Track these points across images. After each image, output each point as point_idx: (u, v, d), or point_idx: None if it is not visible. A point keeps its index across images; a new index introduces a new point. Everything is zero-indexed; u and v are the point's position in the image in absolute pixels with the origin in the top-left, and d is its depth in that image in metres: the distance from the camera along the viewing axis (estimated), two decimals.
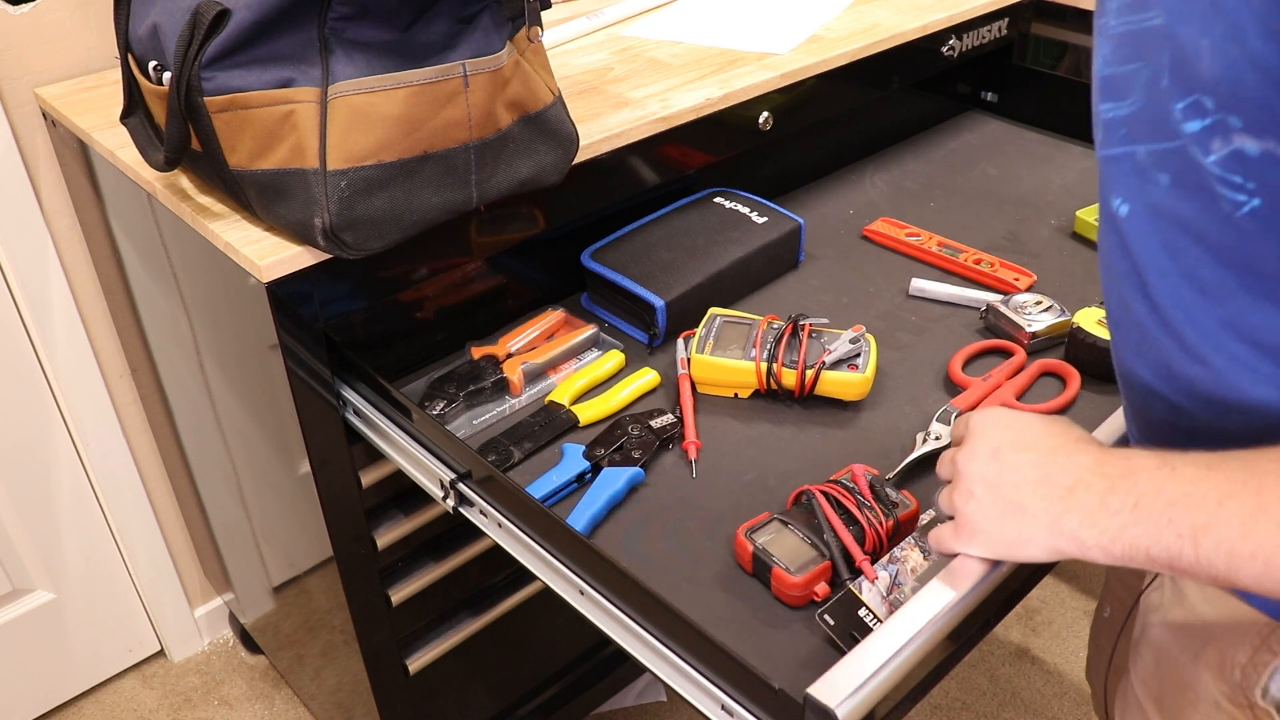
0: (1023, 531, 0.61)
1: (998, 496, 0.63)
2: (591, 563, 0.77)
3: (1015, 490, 0.62)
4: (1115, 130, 0.61)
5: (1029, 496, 0.61)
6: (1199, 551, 0.53)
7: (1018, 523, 0.62)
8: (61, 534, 1.54)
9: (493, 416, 1.03)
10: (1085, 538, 0.58)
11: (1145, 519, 0.55)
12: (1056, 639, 1.77)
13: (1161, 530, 0.55)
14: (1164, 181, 0.57)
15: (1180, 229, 0.57)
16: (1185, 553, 0.54)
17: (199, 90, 0.85)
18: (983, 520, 0.64)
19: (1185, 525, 0.54)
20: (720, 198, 1.26)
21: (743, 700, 0.67)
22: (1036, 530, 0.61)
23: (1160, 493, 0.55)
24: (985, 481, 0.64)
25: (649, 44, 1.34)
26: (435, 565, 1.20)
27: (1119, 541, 0.56)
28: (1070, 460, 0.61)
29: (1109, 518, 0.57)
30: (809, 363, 0.99)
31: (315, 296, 0.95)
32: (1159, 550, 0.55)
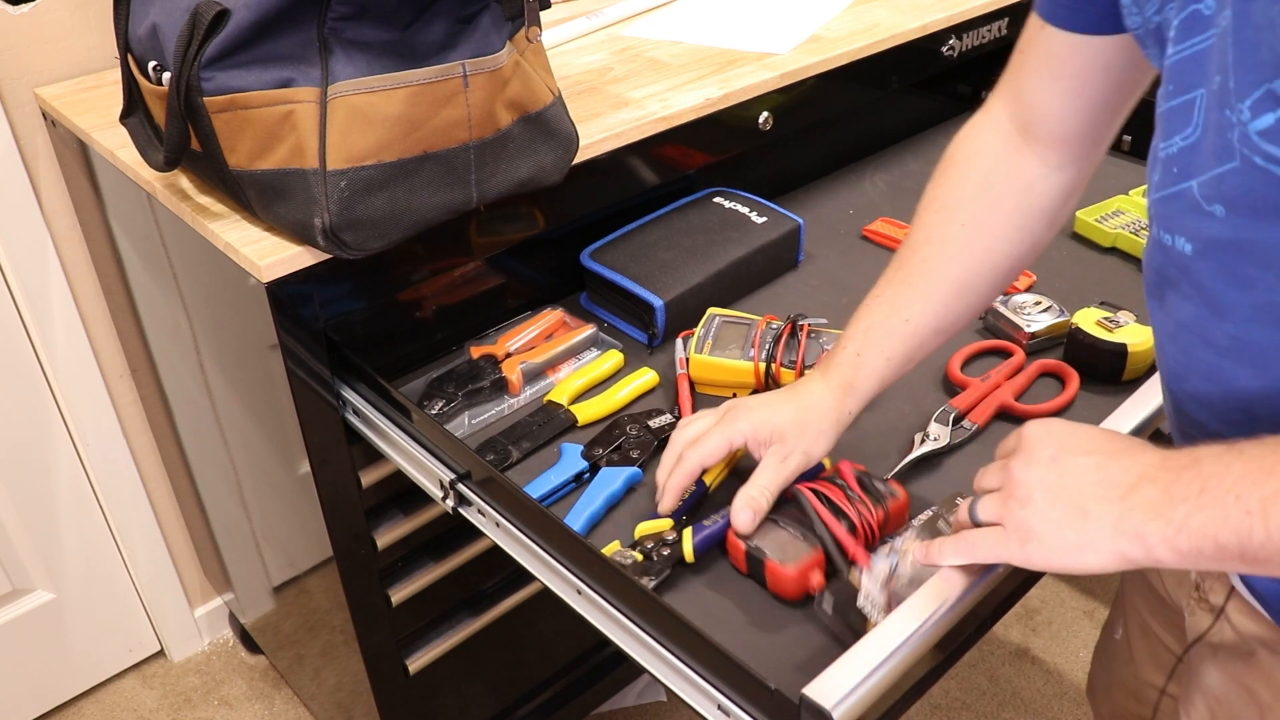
0: (1083, 535, 0.58)
1: (1057, 500, 0.60)
2: (588, 562, 0.77)
3: (1077, 494, 0.59)
4: (1170, 168, 0.59)
5: (1091, 499, 0.58)
6: (1270, 524, 0.50)
7: (1078, 527, 0.58)
8: (61, 534, 1.55)
9: (491, 416, 1.03)
10: (1149, 533, 0.55)
11: (1211, 502, 0.52)
12: (1056, 639, 1.77)
13: (1229, 510, 0.52)
14: (1219, 213, 0.55)
15: (1245, 258, 0.55)
16: (1255, 531, 0.51)
17: (198, 90, 0.85)
18: (1040, 526, 0.60)
19: (1254, 499, 0.51)
20: (720, 197, 1.26)
21: (739, 700, 0.67)
22: (1099, 533, 0.57)
23: (1227, 472, 0.53)
24: (1044, 486, 0.61)
25: (649, 44, 1.34)
26: (435, 565, 1.20)
27: (1185, 531, 0.53)
28: (1133, 460, 0.58)
29: (1173, 507, 0.54)
30: (807, 363, 0.99)
31: (315, 296, 0.95)
32: (1227, 534, 0.52)
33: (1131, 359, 0.99)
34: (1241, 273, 0.56)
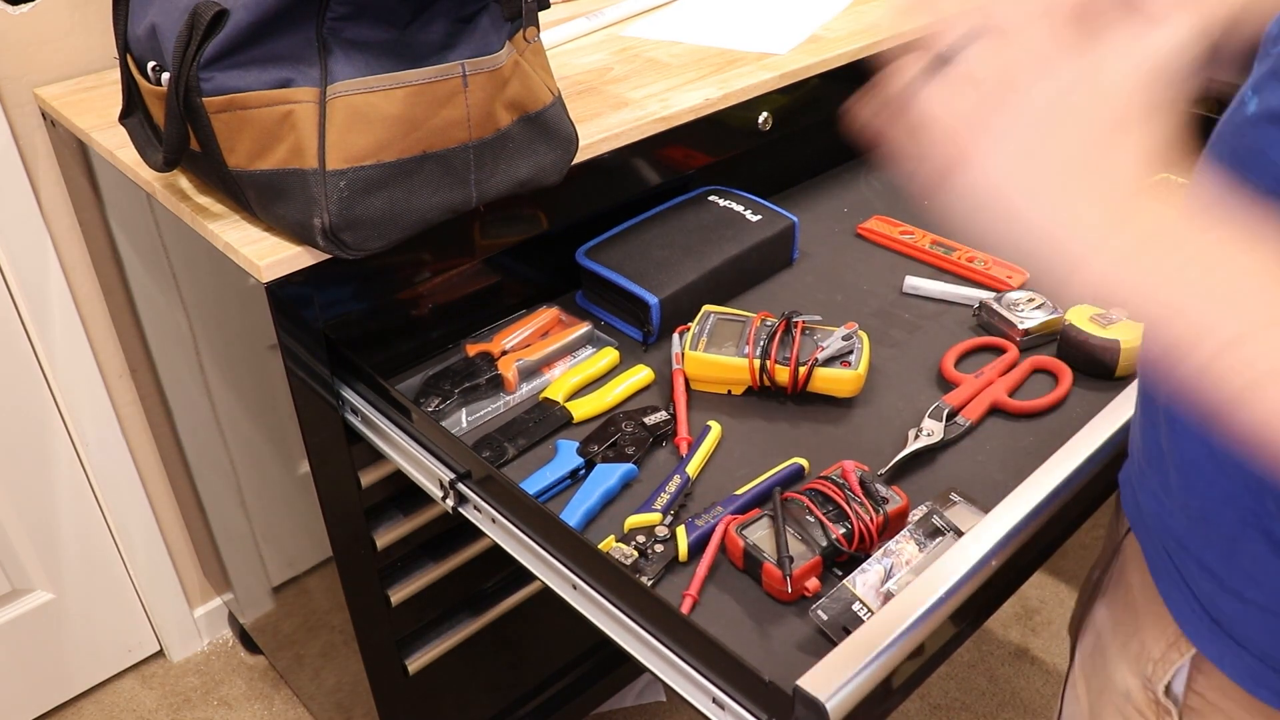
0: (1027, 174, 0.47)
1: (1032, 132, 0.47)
2: (584, 558, 0.78)
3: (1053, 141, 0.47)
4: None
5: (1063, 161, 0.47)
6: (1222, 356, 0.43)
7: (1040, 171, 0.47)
8: (61, 534, 1.55)
9: (487, 413, 1.03)
10: (1089, 259, 0.46)
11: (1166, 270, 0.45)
12: (1056, 639, 1.77)
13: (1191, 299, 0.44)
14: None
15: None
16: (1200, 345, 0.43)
17: (197, 91, 0.86)
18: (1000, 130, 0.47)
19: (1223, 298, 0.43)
20: (715, 196, 1.26)
21: (733, 693, 0.67)
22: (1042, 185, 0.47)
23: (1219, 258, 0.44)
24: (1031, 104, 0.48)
25: (648, 44, 1.35)
26: (434, 565, 1.20)
27: (1132, 291, 0.45)
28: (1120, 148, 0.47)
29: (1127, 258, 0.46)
30: (802, 360, 1.00)
31: (314, 297, 0.95)
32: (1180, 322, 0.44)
33: (1124, 355, 0.99)
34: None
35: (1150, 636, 0.70)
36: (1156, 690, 0.70)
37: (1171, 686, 0.69)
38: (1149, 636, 0.71)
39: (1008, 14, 0.49)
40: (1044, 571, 1.90)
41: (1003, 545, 0.72)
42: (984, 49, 0.49)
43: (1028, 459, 0.92)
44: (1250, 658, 0.62)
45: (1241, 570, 0.61)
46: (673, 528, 0.86)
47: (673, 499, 0.90)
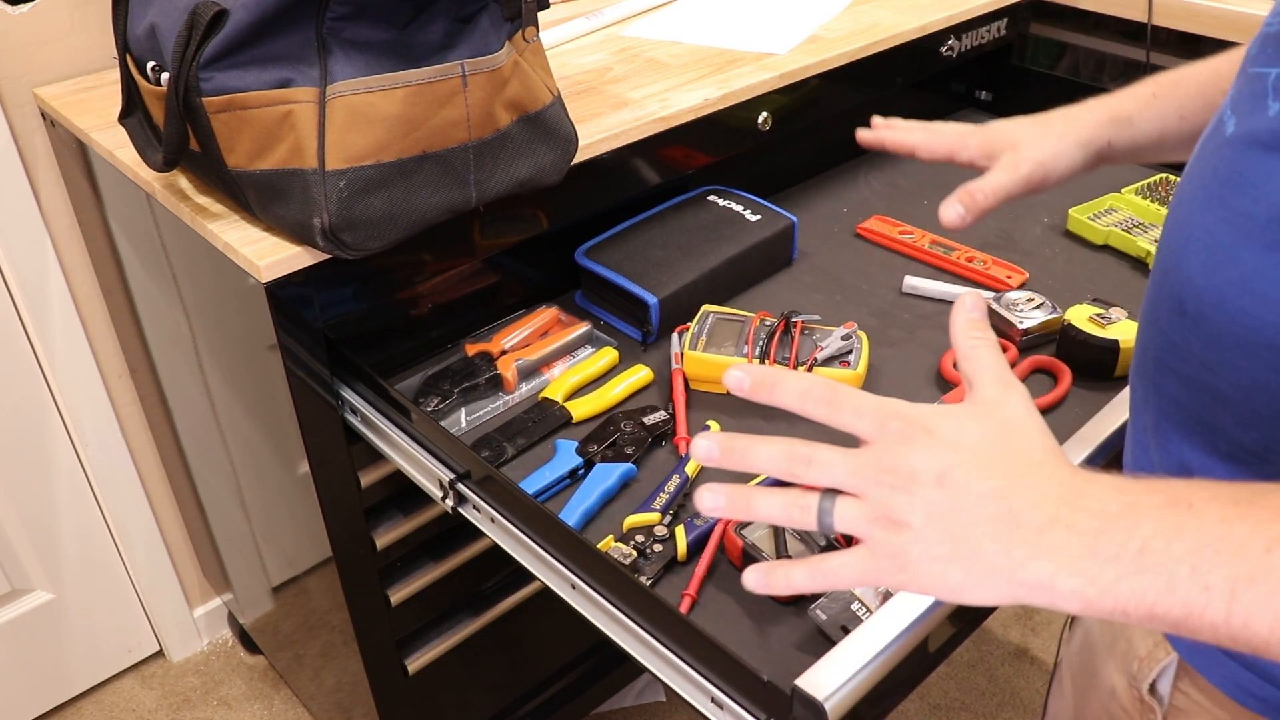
0: (971, 576, 0.48)
1: (942, 533, 0.48)
2: (583, 557, 0.78)
3: (968, 528, 0.48)
4: (1262, 46, 0.57)
5: (985, 537, 0.48)
6: (1234, 608, 0.43)
7: (967, 566, 0.48)
8: (60, 534, 1.55)
9: (487, 413, 1.03)
10: (1061, 587, 0.46)
11: (1155, 568, 0.44)
12: (1055, 639, 1.77)
13: (1179, 582, 0.44)
14: (1274, 110, 0.53)
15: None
16: (1212, 609, 0.43)
17: (197, 91, 0.86)
18: (919, 557, 0.49)
19: (1217, 577, 0.43)
20: (714, 196, 1.26)
21: (732, 692, 0.67)
22: (989, 576, 0.48)
23: (1179, 535, 0.44)
24: (926, 512, 0.49)
25: (648, 44, 1.35)
26: (434, 565, 1.20)
27: (1112, 594, 0.45)
28: (1043, 490, 0.48)
29: (1099, 566, 0.45)
30: (801, 359, 1.00)
31: (314, 297, 0.95)
32: (1169, 605, 0.44)
33: (1123, 355, 0.99)
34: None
35: (1137, 635, 0.71)
36: (1141, 689, 0.70)
37: (1157, 686, 0.69)
38: (1136, 635, 0.71)
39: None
40: None
41: None
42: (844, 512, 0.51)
43: None
44: (1234, 665, 0.62)
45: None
46: (671, 527, 0.86)
47: (672, 499, 0.90)
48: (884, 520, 0.50)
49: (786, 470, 0.52)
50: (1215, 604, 0.43)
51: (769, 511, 0.53)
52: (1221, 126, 0.58)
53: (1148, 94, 0.79)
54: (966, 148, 0.84)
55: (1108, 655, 0.74)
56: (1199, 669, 0.65)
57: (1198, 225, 0.58)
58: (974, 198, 0.80)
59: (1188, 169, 0.63)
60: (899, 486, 0.50)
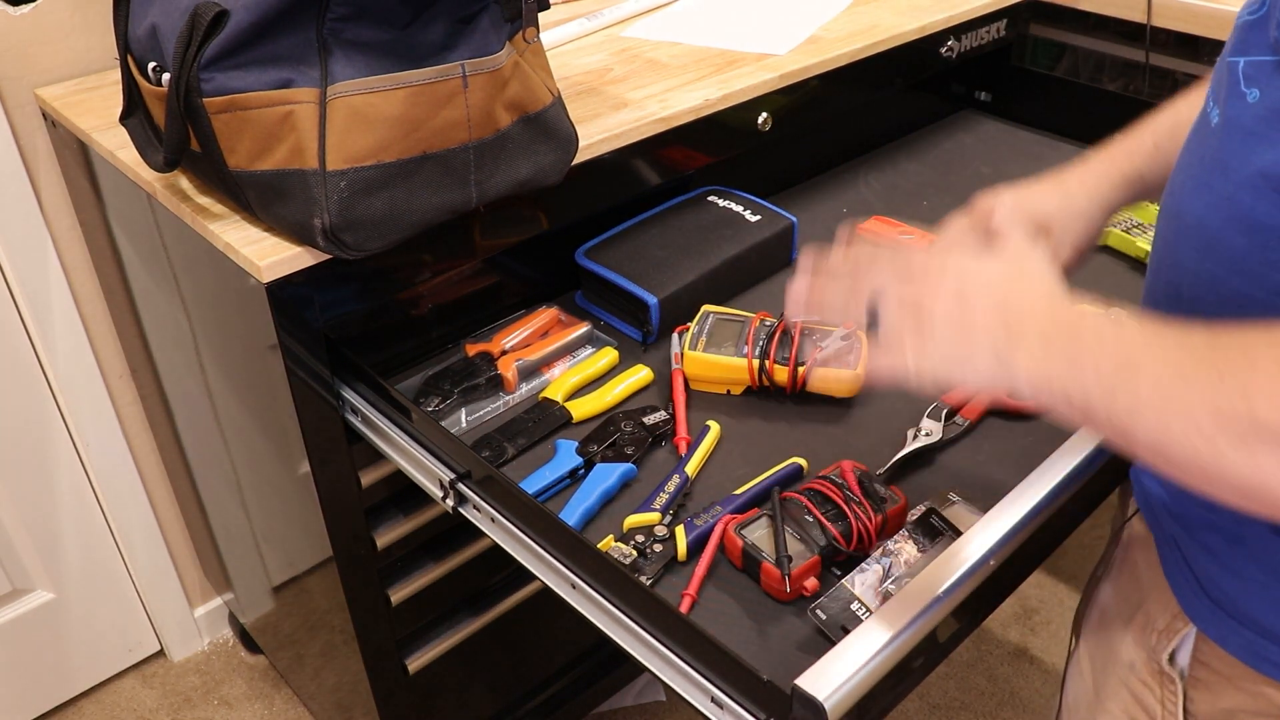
0: (965, 355, 0.61)
1: (956, 331, 0.62)
2: (583, 557, 0.78)
3: (974, 320, 0.62)
4: (1235, 36, 0.61)
5: (982, 336, 0.61)
6: (1112, 406, 0.54)
7: (965, 352, 0.61)
8: (61, 534, 1.55)
9: (487, 413, 1.03)
10: (1019, 372, 0.58)
11: (1078, 365, 0.56)
12: (1055, 639, 1.77)
13: (1086, 373, 0.55)
14: (1251, 97, 0.57)
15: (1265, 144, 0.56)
16: (1099, 404, 0.54)
17: (198, 91, 0.86)
18: (933, 349, 0.62)
19: (1108, 366, 0.54)
20: (714, 196, 1.27)
21: (732, 692, 0.68)
22: (979, 358, 0.61)
23: (1100, 343, 0.56)
24: (949, 318, 0.63)
25: (648, 45, 1.35)
26: (435, 565, 1.20)
27: (1046, 380, 0.57)
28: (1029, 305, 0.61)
29: (1047, 358, 0.57)
30: (801, 360, 1.00)
31: (314, 297, 0.96)
32: (1077, 392, 0.55)
33: None
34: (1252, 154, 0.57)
35: (1155, 608, 0.72)
36: (1161, 660, 0.71)
37: (1176, 656, 0.70)
38: (1154, 608, 0.72)
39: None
40: (1043, 571, 1.90)
41: (1001, 545, 0.72)
42: (893, 294, 0.65)
43: (1026, 459, 0.92)
44: (1250, 633, 0.64)
45: (1243, 550, 0.63)
46: (672, 527, 0.87)
47: (672, 499, 0.90)
48: (912, 327, 0.64)
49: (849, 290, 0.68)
50: (1101, 396, 0.54)
51: (832, 301, 0.68)
52: (1206, 118, 0.62)
53: (1149, 147, 0.81)
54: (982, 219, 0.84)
55: (1125, 630, 0.76)
56: (1215, 638, 0.67)
57: (1188, 213, 0.63)
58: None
59: (1177, 162, 0.65)
60: (926, 300, 0.63)
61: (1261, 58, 0.56)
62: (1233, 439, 0.49)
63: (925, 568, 0.70)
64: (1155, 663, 0.72)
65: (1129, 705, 0.76)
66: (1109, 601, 0.80)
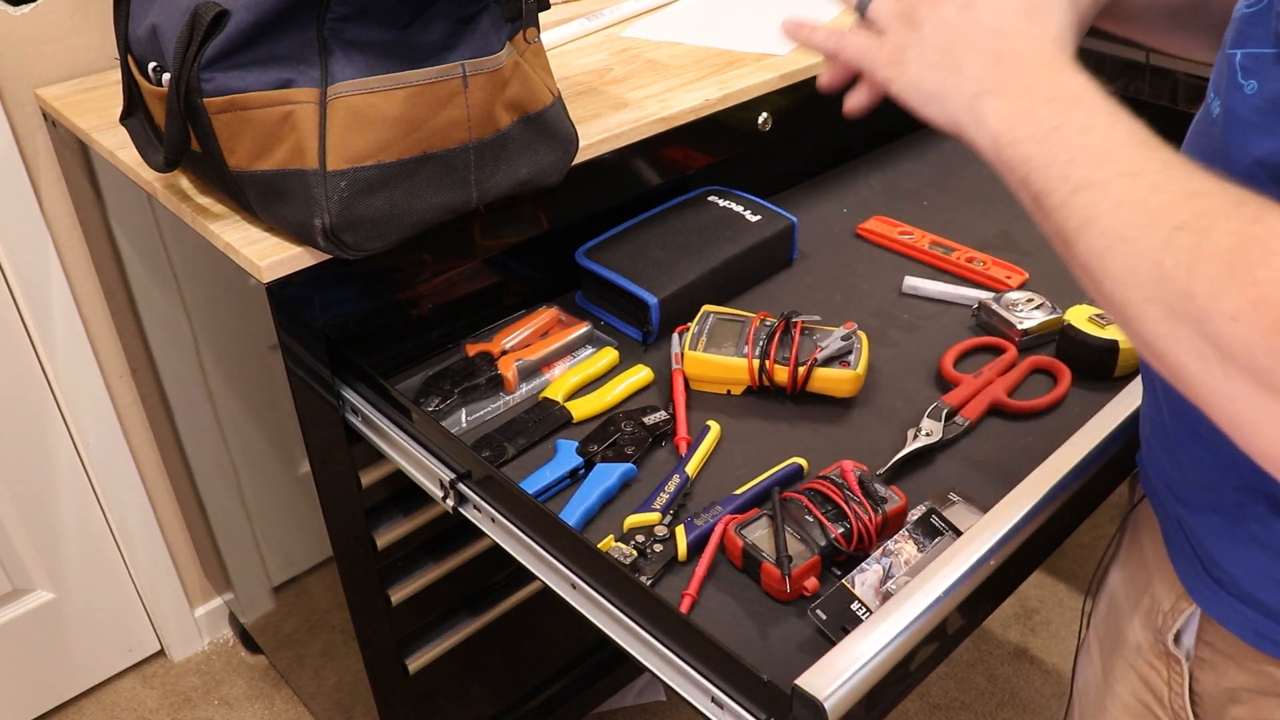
0: (942, 88, 0.58)
1: (942, 43, 0.58)
2: (584, 557, 0.78)
3: (961, 48, 0.57)
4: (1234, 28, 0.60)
5: (970, 60, 0.57)
6: (1069, 200, 0.51)
7: (942, 78, 0.58)
8: (61, 534, 1.55)
9: (487, 413, 1.03)
10: (991, 123, 0.55)
11: (1053, 145, 0.52)
12: (1055, 639, 1.77)
13: (1057, 163, 0.52)
14: (1250, 88, 0.56)
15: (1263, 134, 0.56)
16: (1057, 194, 0.51)
17: (198, 91, 0.86)
18: (912, 58, 0.59)
19: (1078, 173, 0.51)
20: (714, 196, 1.27)
21: (732, 692, 0.68)
22: (955, 94, 0.57)
23: (1085, 133, 0.52)
24: (941, 25, 0.58)
25: (648, 45, 1.35)
26: (435, 565, 1.20)
27: (1014, 147, 0.54)
28: (1032, 51, 0.57)
29: (1026, 124, 0.54)
30: (801, 359, 1.00)
31: (315, 297, 0.96)
32: (1039, 178, 0.52)
33: (1122, 355, 1.00)
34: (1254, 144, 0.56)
35: (1161, 590, 0.72)
36: (1167, 640, 0.72)
37: (1181, 637, 0.71)
38: (1160, 590, 0.72)
39: None
40: (1043, 571, 1.90)
41: (1001, 545, 0.73)
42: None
43: (1026, 459, 0.92)
44: (1252, 613, 0.64)
45: (1245, 531, 0.63)
46: (672, 527, 0.87)
47: (672, 499, 0.90)
48: (905, 16, 0.60)
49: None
50: (1062, 191, 0.51)
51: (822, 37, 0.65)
52: (1208, 109, 0.62)
53: None
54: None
55: (1132, 613, 0.76)
56: (1219, 619, 0.67)
57: None
58: None
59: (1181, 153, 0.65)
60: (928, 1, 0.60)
61: (1260, 50, 0.56)
62: (1163, 306, 0.47)
63: (925, 568, 0.70)
64: (1161, 644, 0.73)
65: (1136, 687, 0.76)
66: (1117, 585, 0.81)
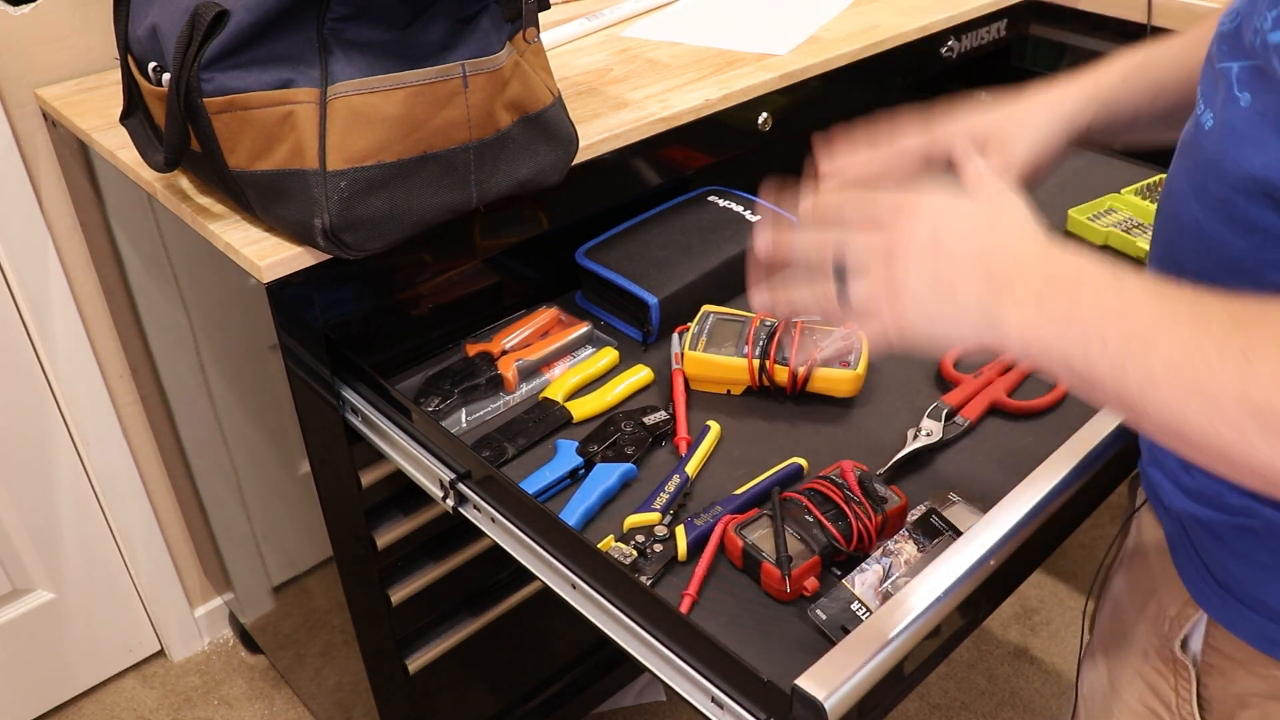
0: (945, 313, 0.58)
1: (931, 279, 0.58)
2: (584, 557, 0.78)
3: (951, 275, 0.58)
4: (1219, 44, 0.61)
5: (964, 283, 0.57)
6: (1120, 374, 0.51)
7: (946, 309, 0.58)
8: (62, 534, 1.55)
9: (487, 413, 1.03)
10: (1010, 330, 0.55)
11: (1078, 328, 0.52)
12: (1055, 639, 1.77)
13: (1091, 343, 0.52)
14: (1244, 101, 0.57)
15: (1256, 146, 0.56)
16: (1104, 370, 0.51)
17: (198, 91, 0.86)
18: (909, 301, 0.59)
19: (1115, 345, 0.51)
20: (714, 196, 1.27)
21: (732, 692, 0.68)
22: (960, 314, 0.57)
23: (1103, 307, 0.52)
24: (920, 273, 0.58)
25: (648, 45, 1.35)
26: (435, 565, 1.20)
27: (1042, 343, 0.54)
28: (1016, 250, 0.57)
29: (1041, 318, 0.54)
30: (801, 360, 1.00)
31: (315, 297, 0.96)
32: (1079, 361, 0.52)
33: None
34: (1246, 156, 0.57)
35: (1167, 596, 0.72)
36: (1174, 647, 0.71)
37: (1188, 643, 0.70)
38: (1166, 596, 0.72)
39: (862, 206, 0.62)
40: (1043, 571, 1.90)
41: (1001, 545, 0.73)
42: (861, 245, 0.61)
43: (1026, 459, 0.92)
44: (1260, 618, 0.64)
45: (1251, 536, 0.63)
46: (672, 527, 0.87)
47: (672, 499, 0.90)
48: (890, 291, 0.59)
49: (816, 244, 0.64)
50: (1107, 366, 0.51)
51: (803, 301, 0.64)
52: (1199, 122, 0.62)
53: (1118, 77, 0.79)
54: (941, 141, 0.82)
55: (1138, 619, 0.76)
56: (1225, 624, 0.67)
57: (1185, 216, 0.63)
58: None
59: (1173, 167, 0.65)
60: (899, 247, 0.59)
61: (1249, 62, 0.57)
62: (1265, 430, 0.46)
63: (925, 568, 0.70)
64: (1168, 650, 0.72)
65: (1144, 694, 0.76)
66: (1121, 592, 0.80)
